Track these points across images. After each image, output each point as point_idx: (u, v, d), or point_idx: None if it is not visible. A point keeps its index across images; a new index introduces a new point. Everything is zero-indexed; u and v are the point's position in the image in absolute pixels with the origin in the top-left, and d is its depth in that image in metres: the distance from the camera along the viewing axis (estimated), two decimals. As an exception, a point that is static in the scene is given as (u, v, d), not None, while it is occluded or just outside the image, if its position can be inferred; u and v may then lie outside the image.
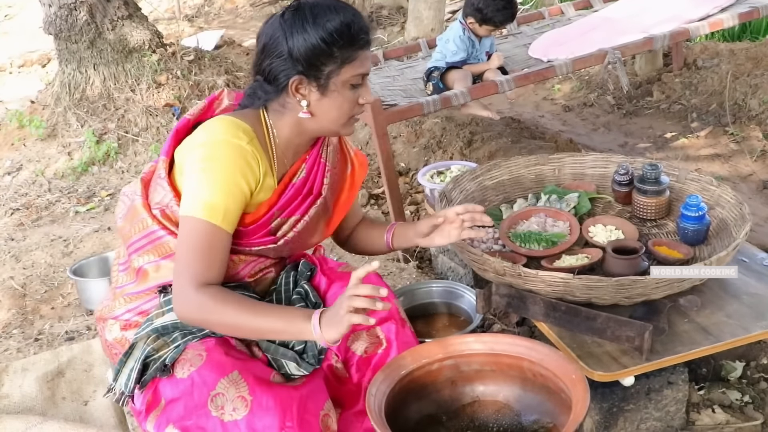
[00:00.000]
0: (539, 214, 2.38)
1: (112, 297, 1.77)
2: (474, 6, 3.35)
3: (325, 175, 1.77)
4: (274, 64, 1.60)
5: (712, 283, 2.03)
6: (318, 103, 1.62)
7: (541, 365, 1.63)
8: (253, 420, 1.48)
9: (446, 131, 4.12)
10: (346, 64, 1.59)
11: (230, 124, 1.60)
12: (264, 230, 1.68)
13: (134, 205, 1.71)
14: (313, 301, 1.76)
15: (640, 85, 4.99)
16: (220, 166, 1.55)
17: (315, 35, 1.56)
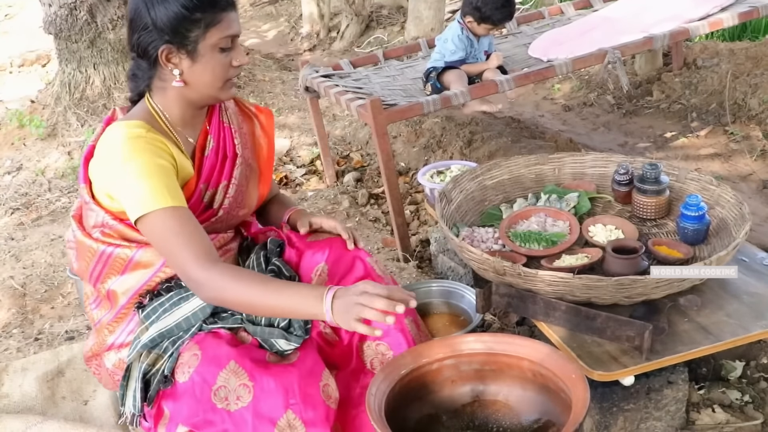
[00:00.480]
0: (539, 214, 2.38)
1: (96, 334, 1.79)
2: (472, 5, 3.35)
3: (234, 136, 1.79)
4: (142, 37, 1.61)
5: (712, 282, 2.03)
6: (190, 70, 1.63)
7: (541, 365, 1.64)
8: (258, 404, 1.51)
9: (446, 131, 4.12)
10: (211, 27, 1.60)
11: (123, 126, 1.62)
12: (199, 207, 1.71)
13: (78, 241, 1.75)
14: (287, 275, 1.76)
15: (639, 84, 4.99)
16: (137, 158, 1.57)
17: (175, 2, 1.57)
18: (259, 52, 7.33)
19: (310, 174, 4.23)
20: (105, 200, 1.67)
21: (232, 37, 1.64)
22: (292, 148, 4.54)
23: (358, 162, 4.26)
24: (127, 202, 1.59)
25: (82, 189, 1.71)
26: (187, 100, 1.69)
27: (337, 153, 4.36)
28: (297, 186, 4.09)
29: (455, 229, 2.32)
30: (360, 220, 3.51)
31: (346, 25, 7.46)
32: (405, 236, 3.07)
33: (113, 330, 1.74)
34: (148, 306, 1.69)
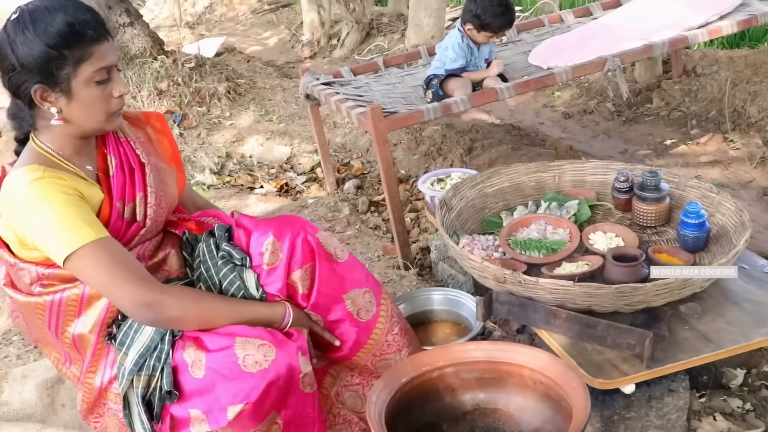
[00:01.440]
0: (539, 222, 2.39)
1: (82, 387, 1.76)
2: (472, 12, 3.36)
3: (135, 147, 1.76)
4: (12, 78, 1.56)
5: (713, 290, 2.03)
6: (68, 107, 1.58)
7: (542, 373, 1.64)
8: (281, 353, 1.57)
9: (446, 138, 4.12)
10: (82, 63, 1.55)
11: (17, 176, 1.56)
12: (122, 224, 1.68)
13: (21, 304, 1.70)
14: (238, 258, 1.74)
15: (639, 92, 4.99)
16: (43, 201, 1.52)
17: (38, 43, 1.51)
18: (260, 60, 7.35)
19: (311, 181, 4.24)
20: (29, 254, 1.62)
21: (108, 68, 1.59)
22: (293, 155, 4.55)
23: (358, 169, 4.26)
24: (49, 247, 1.54)
25: (2, 254, 1.65)
26: (73, 135, 1.65)
27: (337, 160, 4.37)
28: (298, 193, 4.10)
29: (455, 237, 2.32)
30: (360, 228, 3.51)
31: (346, 33, 7.48)
32: (405, 244, 3.07)
33: (96, 371, 1.71)
34: (119, 333, 1.67)
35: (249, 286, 1.72)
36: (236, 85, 5.52)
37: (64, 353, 1.74)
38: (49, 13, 1.53)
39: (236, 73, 5.79)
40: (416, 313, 2.41)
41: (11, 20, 1.55)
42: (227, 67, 5.84)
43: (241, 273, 1.72)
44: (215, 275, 1.73)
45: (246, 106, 5.28)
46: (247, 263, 1.74)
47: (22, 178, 1.54)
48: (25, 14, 1.54)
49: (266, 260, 1.72)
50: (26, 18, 1.53)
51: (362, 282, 1.83)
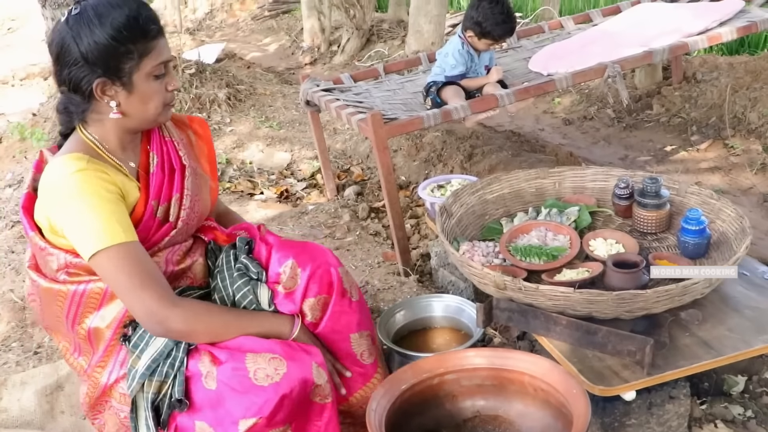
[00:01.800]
0: (540, 228, 2.38)
1: (87, 380, 1.76)
2: (473, 19, 3.36)
3: (178, 149, 1.79)
4: (73, 72, 1.58)
5: (713, 296, 2.03)
6: (127, 101, 1.62)
7: (542, 380, 1.63)
8: (293, 367, 1.57)
9: (447, 145, 4.13)
10: (144, 57, 1.59)
11: (60, 163, 1.59)
12: (154, 224, 1.69)
13: (43, 290, 1.70)
14: (255, 272, 1.76)
15: (639, 98, 5.00)
16: (82, 195, 1.54)
17: (104, 35, 1.54)
18: (260, 66, 7.36)
19: (311, 188, 4.24)
20: (59, 240, 1.63)
21: (165, 63, 1.64)
22: (293, 161, 4.55)
23: (358, 176, 4.26)
24: (79, 240, 1.56)
25: (33, 237, 1.66)
26: (126, 128, 1.68)
27: (337, 167, 4.37)
28: (298, 200, 4.09)
29: (456, 244, 2.31)
30: (360, 234, 3.50)
31: (346, 39, 7.49)
32: (405, 250, 3.06)
33: (105, 367, 1.71)
34: (134, 335, 1.67)
35: (261, 301, 1.73)
36: (236, 91, 5.53)
37: (75, 343, 1.74)
38: (113, 8, 1.56)
39: (236, 80, 5.80)
40: (416, 319, 2.40)
41: (73, 15, 1.57)
42: (227, 73, 5.84)
43: (255, 287, 1.73)
44: (230, 286, 1.74)
45: (246, 113, 5.28)
46: (263, 278, 1.75)
47: (67, 166, 1.57)
48: (88, 9, 1.56)
49: (284, 283, 1.73)
50: (90, 13, 1.55)
51: (368, 325, 1.86)
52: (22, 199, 1.72)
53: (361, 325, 1.83)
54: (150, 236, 1.67)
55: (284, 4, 10.66)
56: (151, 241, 1.68)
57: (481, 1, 3.35)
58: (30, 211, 1.70)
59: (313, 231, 3.54)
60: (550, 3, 6.85)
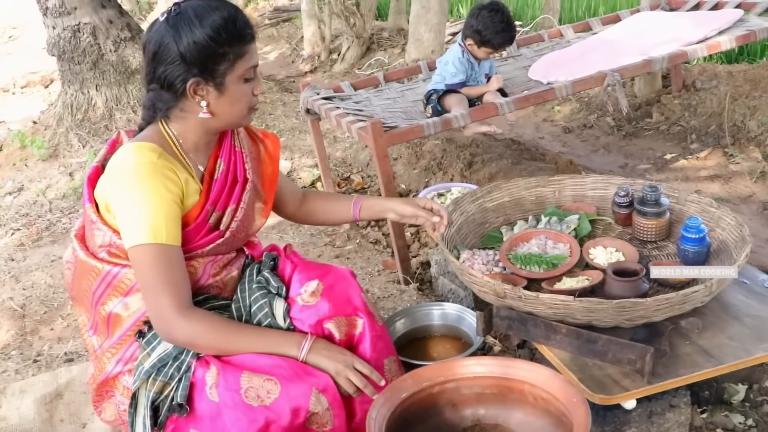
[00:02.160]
0: (540, 236, 2.38)
1: (95, 361, 1.77)
2: (473, 28, 3.37)
3: (245, 161, 1.81)
4: (168, 70, 1.62)
5: (714, 305, 2.03)
6: (217, 101, 1.66)
7: (542, 388, 1.63)
8: (288, 391, 1.56)
9: (447, 153, 4.13)
10: (238, 60, 1.64)
11: (134, 149, 1.62)
12: (204, 229, 1.71)
13: (79, 261, 1.73)
14: (275, 286, 1.77)
15: (639, 106, 5.01)
16: (143, 188, 1.58)
17: (203, 36, 1.59)
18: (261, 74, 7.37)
19: (311, 195, 4.24)
20: (111, 219, 1.67)
21: (254, 68, 1.69)
22: (293, 169, 4.55)
23: (358, 184, 4.27)
24: (125, 227, 1.59)
25: (88, 209, 1.70)
26: (208, 128, 1.71)
27: (337, 175, 4.37)
28: (298, 207, 4.09)
29: (456, 252, 2.31)
30: (360, 242, 3.51)
31: (347, 47, 7.51)
32: (405, 258, 3.06)
33: (114, 354, 1.72)
34: (149, 333, 1.68)
35: (276, 315, 1.72)
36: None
37: (94, 321, 1.75)
38: (212, 11, 1.61)
39: (237, 88, 5.81)
40: (416, 327, 2.40)
41: (173, 15, 1.61)
42: (227, 81, 5.85)
43: (272, 300, 1.74)
44: (248, 298, 1.75)
45: (246, 121, 5.29)
46: (283, 293, 1.76)
47: (138, 154, 1.60)
48: (188, 10, 1.61)
49: (304, 297, 1.73)
50: (190, 14, 1.60)
51: (393, 350, 1.86)
52: (89, 171, 1.76)
53: (390, 349, 1.84)
54: (197, 239, 1.70)
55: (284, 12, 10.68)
56: (197, 244, 1.70)
57: (481, 10, 3.36)
58: (93, 183, 1.73)
59: (314, 239, 3.54)
60: (549, 11, 6.87)
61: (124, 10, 5.48)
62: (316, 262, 1.89)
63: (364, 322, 1.76)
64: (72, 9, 4.99)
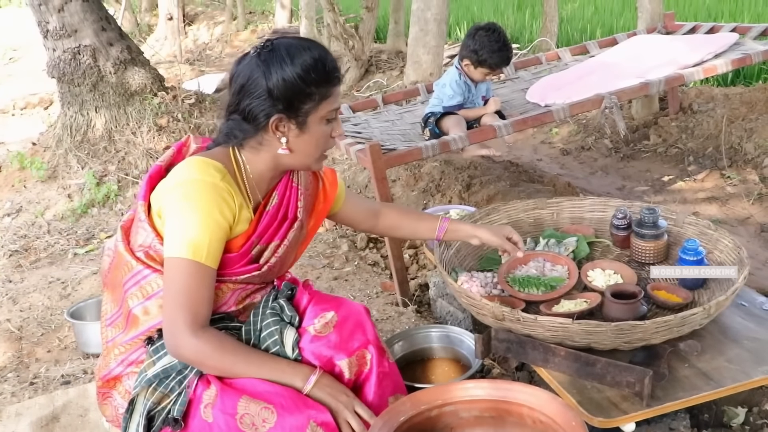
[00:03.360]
0: (538, 259, 2.39)
1: (106, 353, 1.78)
2: (470, 48, 3.39)
3: (299, 198, 1.82)
4: (254, 104, 1.64)
5: (712, 327, 2.02)
6: (297, 139, 1.69)
7: (541, 411, 1.62)
8: (284, 421, 1.54)
9: (445, 175, 4.14)
10: (323, 101, 1.67)
11: (201, 164, 1.65)
12: (245, 259, 1.72)
13: (118, 252, 1.75)
14: (289, 315, 1.75)
15: (636, 128, 5.03)
16: (198, 205, 1.60)
17: (293, 74, 1.62)
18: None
19: (310, 217, 4.24)
20: (156, 220, 1.69)
21: (336, 110, 1.72)
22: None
23: (357, 205, 4.27)
24: (170, 236, 1.61)
25: (140, 206, 1.72)
26: (280, 163, 1.74)
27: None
28: (296, 229, 4.09)
29: (454, 274, 2.31)
30: (359, 264, 3.50)
31: (345, 70, 7.56)
32: (404, 280, 3.06)
33: (122, 353, 1.73)
34: (158, 341, 1.69)
35: (285, 343, 1.69)
36: (236, 121, 5.55)
37: (117, 313, 1.76)
38: (304, 51, 1.64)
39: (236, 109, 5.83)
40: (415, 350, 2.40)
41: (265, 51, 1.65)
42: (227, 103, 5.88)
43: (283, 328, 1.71)
44: (260, 322, 1.74)
45: (245, 142, 5.31)
46: (295, 322, 1.74)
47: (204, 171, 1.63)
48: (281, 48, 1.64)
49: (317, 327, 1.71)
50: (282, 51, 1.64)
51: (403, 389, 1.84)
52: (152, 170, 1.77)
53: (398, 387, 1.81)
54: (235, 267, 1.71)
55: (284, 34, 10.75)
56: (233, 271, 1.71)
57: (478, 30, 3.39)
58: (153, 182, 1.74)
59: (312, 261, 3.54)
60: (547, 34, 6.93)
61: (124, 32, 5.52)
62: (332, 295, 1.88)
63: (373, 357, 1.74)
64: (72, 31, 5.02)
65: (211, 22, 13.65)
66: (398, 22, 8.13)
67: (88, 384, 2.50)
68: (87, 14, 5.07)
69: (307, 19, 8.40)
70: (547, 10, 7.14)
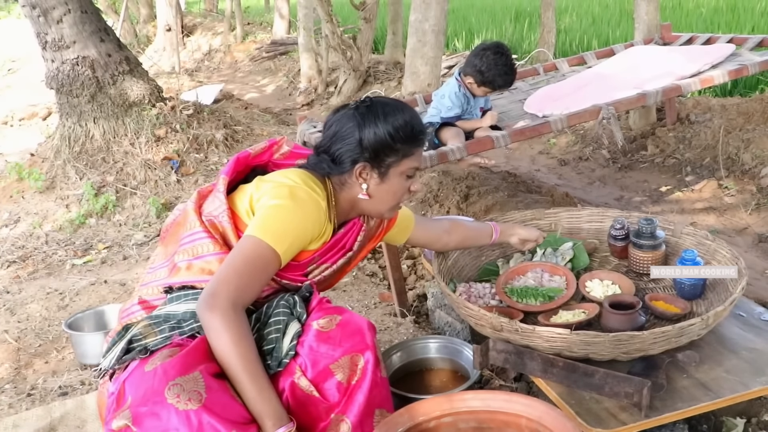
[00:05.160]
0: (536, 269, 2.39)
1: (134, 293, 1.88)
2: (476, 67, 3.36)
3: (360, 233, 1.97)
4: (344, 149, 1.83)
5: (711, 338, 2.02)
6: (376, 187, 1.87)
7: (539, 422, 1.62)
8: (202, 415, 1.51)
9: (443, 185, 4.15)
10: (406, 158, 1.85)
11: (311, 180, 1.83)
12: (300, 272, 1.86)
13: (186, 210, 1.90)
14: (298, 311, 1.78)
15: (634, 139, 5.05)
16: (300, 210, 1.75)
17: (384, 130, 1.80)
18: (258, 107, 7.43)
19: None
20: (239, 205, 1.82)
21: (416, 168, 1.89)
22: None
23: (355, 215, 4.27)
24: (260, 218, 1.74)
25: (222, 179, 1.86)
26: (357, 205, 1.91)
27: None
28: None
29: (452, 285, 2.32)
30: (357, 275, 3.50)
31: (343, 80, 7.58)
32: (402, 291, 3.06)
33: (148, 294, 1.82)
34: (176, 292, 1.77)
35: (287, 333, 1.73)
36: (234, 131, 5.57)
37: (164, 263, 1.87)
38: (398, 111, 1.85)
39: (234, 120, 5.85)
40: (413, 361, 2.39)
41: (364, 105, 1.85)
42: (225, 113, 5.90)
43: (289, 320, 1.75)
44: (271, 309, 1.79)
45: (244, 153, 5.31)
46: (303, 319, 1.78)
47: (312, 185, 1.81)
48: (378, 106, 1.85)
49: (321, 323, 1.73)
50: (379, 109, 1.84)
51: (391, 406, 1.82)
52: (241, 153, 1.94)
53: (386, 402, 1.79)
54: (289, 272, 1.83)
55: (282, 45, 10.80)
56: (285, 275, 1.83)
57: (486, 51, 3.35)
58: (240, 164, 1.92)
59: (310, 271, 3.53)
60: (544, 45, 6.96)
61: (123, 43, 5.53)
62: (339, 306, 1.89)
63: (369, 363, 1.73)
64: (71, 43, 5.04)
65: (210, 33, 13.70)
66: (396, 33, 8.16)
67: (85, 395, 2.49)
68: (85, 25, 5.08)
69: (306, 30, 8.43)
70: (545, 21, 7.17)
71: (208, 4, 16.42)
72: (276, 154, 1.99)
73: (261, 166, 1.99)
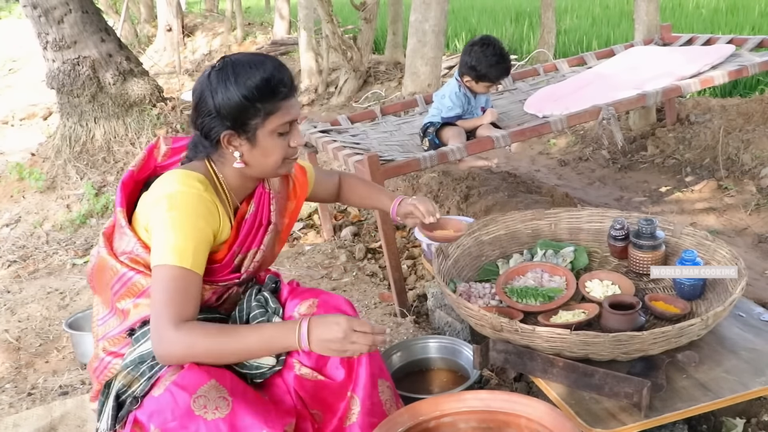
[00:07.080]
0: (536, 270, 2.39)
1: (96, 349, 1.81)
2: (468, 65, 3.38)
3: (271, 203, 1.87)
4: (206, 121, 1.71)
5: (710, 338, 2.03)
6: (250, 153, 1.73)
7: (539, 423, 1.62)
8: (235, 418, 1.53)
9: (443, 186, 4.15)
10: (270, 116, 1.70)
11: (186, 176, 1.69)
12: (229, 268, 1.78)
13: (101, 257, 1.79)
14: (273, 307, 1.80)
15: (634, 139, 5.05)
16: (185, 214, 1.64)
17: (237, 93, 1.66)
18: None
19: (308, 228, 4.25)
20: (142, 232, 1.73)
21: (289, 123, 1.74)
22: (290, 201, 4.56)
23: (355, 216, 4.28)
24: (157, 245, 1.65)
25: (119, 212, 1.76)
26: (246, 174, 1.78)
27: (334, 207, 4.38)
28: (295, 240, 4.10)
29: (452, 285, 2.32)
30: (357, 275, 3.50)
31: (344, 81, 7.58)
32: (402, 291, 3.06)
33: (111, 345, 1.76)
34: (139, 330, 1.72)
35: None
36: (235, 131, 5.56)
37: (109, 314, 1.79)
38: (250, 69, 1.69)
39: (234, 120, 5.84)
40: (413, 361, 2.40)
41: (215, 70, 1.70)
42: (226, 113, 5.89)
43: (270, 318, 1.77)
44: (246, 315, 1.79)
45: (244, 153, 5.31)
46: (279, 313, 1.79)
47: (187, 183, 1.68)
48: (228, 67, 1.69)
49: (301, 311, 1.77)
50: (229, 71, 1.69)
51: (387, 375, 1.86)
52: (125, 176, 1.82)
53: (383, 373, 1.84)
54: (218, 276, 1.76)
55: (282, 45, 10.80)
56: (215, 279, 1.76)
57: (473, 46, 3.38)
58: (127, 187, 1.80)
59: (310, 271, 3.54)
60: (544, 46, 6.96)
61: (123, 43, 5.54)
62: (311, 287, 1.92)
63: None
64: (72, 43, 5.04)
65: (210, 33, 13.69)
66: (396, 34, 8.16)
67: (86, 395, 2.49)
68: (86, 25, 5.09)
69: (306, 30, 8.43)
70: (545, 22, 7.17)
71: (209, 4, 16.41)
72: (159, 158, 1.88)
73: (152, 175, 1.87)
